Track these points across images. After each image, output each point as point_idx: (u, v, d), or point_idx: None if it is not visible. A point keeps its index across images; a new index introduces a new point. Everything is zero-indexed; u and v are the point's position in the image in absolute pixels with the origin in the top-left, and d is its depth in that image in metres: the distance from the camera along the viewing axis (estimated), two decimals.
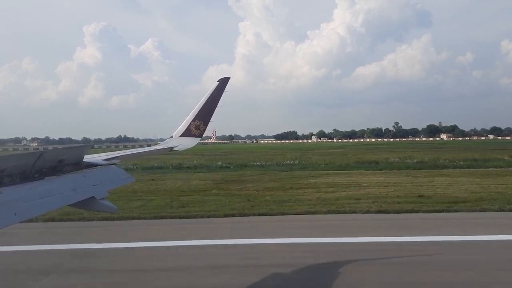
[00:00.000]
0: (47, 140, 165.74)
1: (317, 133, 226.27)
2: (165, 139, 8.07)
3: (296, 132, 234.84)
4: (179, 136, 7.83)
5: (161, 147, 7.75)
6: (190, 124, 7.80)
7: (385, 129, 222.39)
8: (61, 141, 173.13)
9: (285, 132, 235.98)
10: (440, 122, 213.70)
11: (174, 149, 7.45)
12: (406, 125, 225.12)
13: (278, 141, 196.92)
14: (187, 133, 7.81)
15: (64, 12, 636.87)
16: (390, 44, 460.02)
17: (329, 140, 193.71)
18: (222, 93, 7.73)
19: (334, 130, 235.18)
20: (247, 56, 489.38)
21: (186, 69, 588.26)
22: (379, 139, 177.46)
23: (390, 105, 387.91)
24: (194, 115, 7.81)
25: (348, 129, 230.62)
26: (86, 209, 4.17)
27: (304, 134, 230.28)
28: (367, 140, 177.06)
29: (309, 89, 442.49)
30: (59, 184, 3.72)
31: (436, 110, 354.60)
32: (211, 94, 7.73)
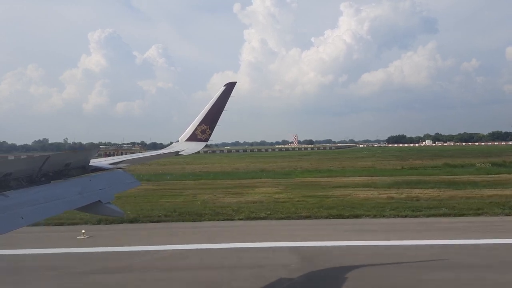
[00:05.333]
0: (144, 144, 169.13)
1: (424, 136, 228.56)
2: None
3: (406, 136, 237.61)
4: (185, 140, 7.79)
5: (167, 151, 7.72)
6: (196, 129, 7.76)
7: (504, 132, 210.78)
8: (153, 145, 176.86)
9: (393, 136, 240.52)
10: None
11: (180, 153, 7.42)
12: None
13: (394, 145, 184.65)
14: (193, 137, 7.78)
15: (69, 19, 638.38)
16: None
17: (445, 144, 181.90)
18: (228, 97, 7.69)
19: (437, 133, 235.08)
20: (252, 63, 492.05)
21: (191, 76, 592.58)
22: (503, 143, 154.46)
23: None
24: (200, 119, 7.77)
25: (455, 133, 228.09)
26: (92, 213, 4.15)
27: (409, 137, 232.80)
28: (494, 144, 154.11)
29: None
30: (65, 188, 3.71)
31: None
32: (217, 99, 7.69)
